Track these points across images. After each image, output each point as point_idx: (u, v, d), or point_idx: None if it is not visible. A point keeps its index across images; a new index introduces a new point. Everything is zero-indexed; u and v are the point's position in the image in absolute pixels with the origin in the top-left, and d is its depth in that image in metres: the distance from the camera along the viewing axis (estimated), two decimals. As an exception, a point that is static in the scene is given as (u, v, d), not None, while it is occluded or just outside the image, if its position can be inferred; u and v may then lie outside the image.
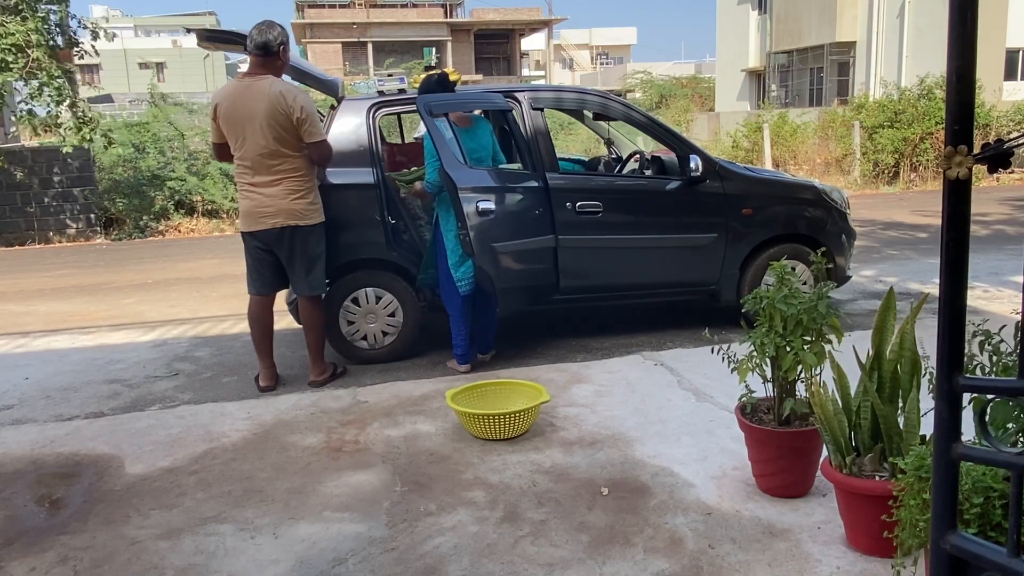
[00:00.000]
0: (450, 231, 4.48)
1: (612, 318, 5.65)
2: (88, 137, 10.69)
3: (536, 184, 4.64)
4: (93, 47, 11.51)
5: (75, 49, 11.45)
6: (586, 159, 6.75)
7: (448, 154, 4.21)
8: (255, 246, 4.32)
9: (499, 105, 4.74)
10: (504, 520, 2.84)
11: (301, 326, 4.70)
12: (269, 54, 4.14)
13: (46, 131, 11.04)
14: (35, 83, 10.50)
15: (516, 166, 4.80)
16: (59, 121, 10.89)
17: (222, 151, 4.34)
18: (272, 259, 4.34)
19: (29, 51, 10.00)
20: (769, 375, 2.91)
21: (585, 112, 6.09)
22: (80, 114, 10.69)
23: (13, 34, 9.81)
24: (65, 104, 10.53)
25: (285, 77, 4.36)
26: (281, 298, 4.64)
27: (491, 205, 4.31)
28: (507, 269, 4.41)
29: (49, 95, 10.46)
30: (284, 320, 4.59)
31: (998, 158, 1.27)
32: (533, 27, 39.34)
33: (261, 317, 4.43)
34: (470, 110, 4.67)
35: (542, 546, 2.66)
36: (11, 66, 9.89)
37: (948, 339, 1.35)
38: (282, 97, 4.07)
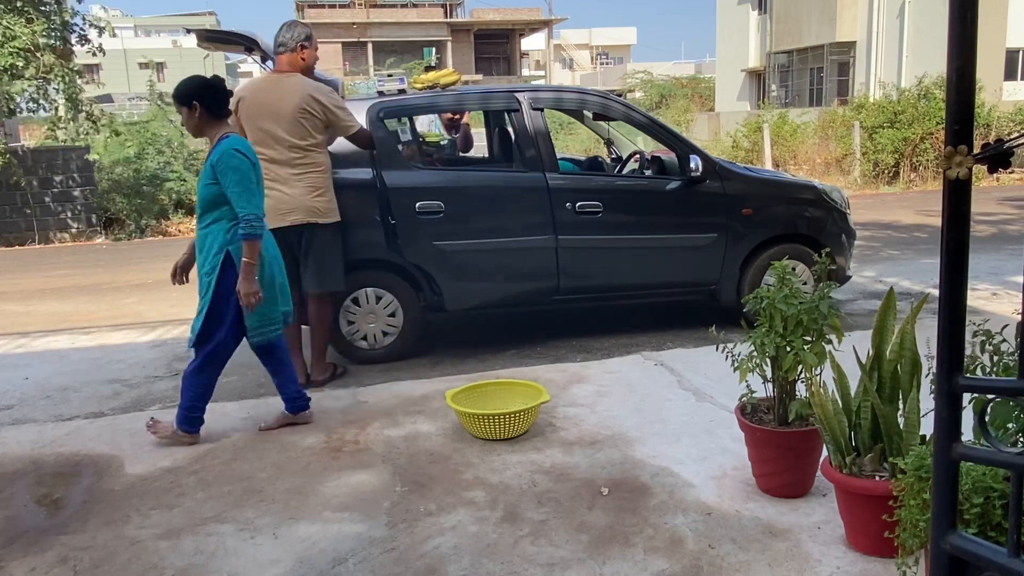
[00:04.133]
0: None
1: (612, 318, 5.65)
2: (108, 136, 10.70)
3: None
4: (100, 45, 11.51)
5: (84, 45, 11.46)
6: (583, 159, 6.74)
7: None
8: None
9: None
10: (504, 520, 2.84)
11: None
12: (288, 51, 4.23)
13: (52, 129, 11.01)
14: (40, 81, 10.47)
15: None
16: (66, 117, 10.87)
17: None
18: (287, 258, 4.32)
19: (39, 55, 9.97)
20: (769, 375, 2.91)
21: (585, 112, 6.09)
22: (90, 111, 10.69)
23: (19, 36, 9.77)
24: (71, 100, 10.53)
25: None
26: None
27: None
28: None
29: (56, 88, 10.44)
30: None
31: (998, 158, 1.28)
32: (533, 27, 39.36)
33: None
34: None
35: (542, 546, 2.66)
36: (23, 72, 9.86)
37: (948, 339, 1.35)
38: (310, 96, 4.13)
